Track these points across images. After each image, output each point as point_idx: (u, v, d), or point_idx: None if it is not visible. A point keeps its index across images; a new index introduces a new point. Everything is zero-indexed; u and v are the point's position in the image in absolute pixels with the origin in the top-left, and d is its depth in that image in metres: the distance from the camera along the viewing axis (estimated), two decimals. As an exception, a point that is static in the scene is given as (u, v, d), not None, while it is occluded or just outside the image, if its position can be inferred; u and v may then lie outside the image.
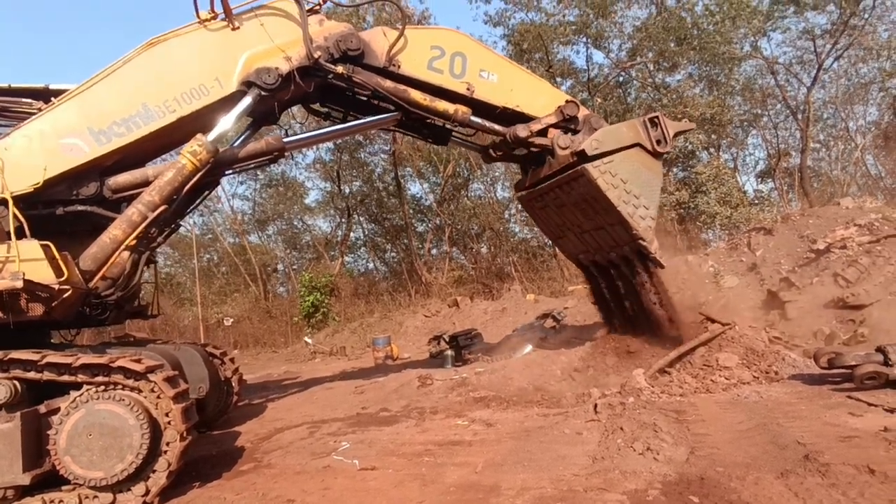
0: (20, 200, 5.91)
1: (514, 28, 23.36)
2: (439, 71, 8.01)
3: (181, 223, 8.62)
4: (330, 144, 28.08)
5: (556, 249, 14.82)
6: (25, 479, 4.77)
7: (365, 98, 8.46)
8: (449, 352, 12.54)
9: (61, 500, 4.96)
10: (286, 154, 8.34)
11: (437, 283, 24.77)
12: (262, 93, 7.20)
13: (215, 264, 32.07)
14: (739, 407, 6.19)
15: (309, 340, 21.35)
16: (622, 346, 8.80)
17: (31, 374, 5.08)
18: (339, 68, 7.53)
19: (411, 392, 9.21)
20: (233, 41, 7.20)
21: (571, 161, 8.02)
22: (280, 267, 32.51)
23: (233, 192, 38.44)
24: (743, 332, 8.18)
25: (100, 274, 6.36)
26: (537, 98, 8.43)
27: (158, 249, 8.69)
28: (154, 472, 5.05)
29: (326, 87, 8.14)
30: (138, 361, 5.17)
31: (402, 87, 7.89)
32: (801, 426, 5.19)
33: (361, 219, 31.53)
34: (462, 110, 8.14)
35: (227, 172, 8.15)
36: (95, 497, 4.96)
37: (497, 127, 8.46)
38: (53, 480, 5.02)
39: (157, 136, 6.92)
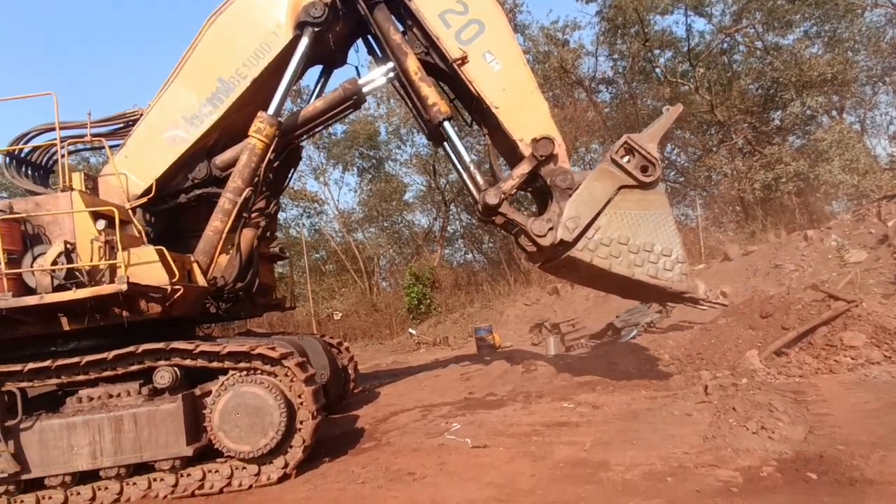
0: (145, 207, 6.81)
1: (610, 3, 22.56)
2: (448, 24, 7.40)
3: (280, 203, 8.94)
4: (425, 140, 28.78)
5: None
6: (189, 451, 5.55)
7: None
8: (552, 339, 12.64)
9: (217, 471, 5.71)
10: (365, 99, 8.45)
11: (536, 271, 24.69)
12: (315, 28, 7.39)
13: (324, 263, 33.98)
14: (866, 387, 5.84)
15: (413, 332, 22.16)
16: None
17: (188, 362, 5.88)
18: None
19: (516, 378, 9.43)
20: None
21: (556, 249, 7.00)
22: (382, 262, 33.90)
23: (339, 197, 40.56)
24: (872, 309, 7.60)
25: (213, 266, 7.09)
26: (524, 113, 7.34)
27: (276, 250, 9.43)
28: (291, 447, 5.71)
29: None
30: (273, 349, 5.83)
31: (405, 48, 7.62)
32: (940, 406, 4.85)
33: (458, 209, 32.04)
34: (442, 108, 7.56)
35: (315, 128, 8.51)
36: (244, 468, 5.67)
37: (464, 156, 7.91)
38: (209, 453, 5.78)
39: (242, 104, 7.45)
